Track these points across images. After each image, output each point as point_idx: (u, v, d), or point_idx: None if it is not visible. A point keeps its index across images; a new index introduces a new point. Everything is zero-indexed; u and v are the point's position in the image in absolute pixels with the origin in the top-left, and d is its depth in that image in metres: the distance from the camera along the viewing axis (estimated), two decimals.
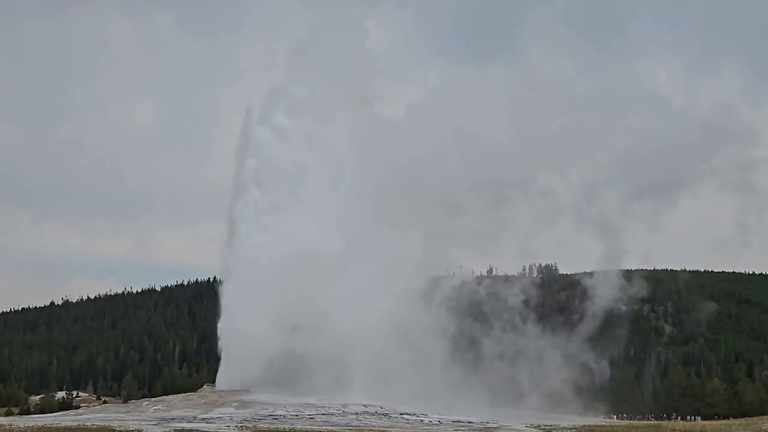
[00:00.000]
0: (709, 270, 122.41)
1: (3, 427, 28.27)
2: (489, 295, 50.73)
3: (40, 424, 29.53)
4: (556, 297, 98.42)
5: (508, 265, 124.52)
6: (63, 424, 29.16)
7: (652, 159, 48.23)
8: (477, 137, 46.99)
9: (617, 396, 64.40)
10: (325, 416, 31.89)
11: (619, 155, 48.93)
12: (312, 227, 42.07)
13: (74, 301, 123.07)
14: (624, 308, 63.11)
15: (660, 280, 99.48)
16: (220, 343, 42.34)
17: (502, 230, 49.66)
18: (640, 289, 55.78)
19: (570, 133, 49.53)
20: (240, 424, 28.38)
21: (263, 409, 32.73)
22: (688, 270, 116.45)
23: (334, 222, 43.09)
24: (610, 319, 60.66)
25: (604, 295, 53.06)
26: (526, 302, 52.62)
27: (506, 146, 47.68)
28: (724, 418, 60.67)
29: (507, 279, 67.77)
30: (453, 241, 48.29)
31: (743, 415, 59.02)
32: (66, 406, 63.23)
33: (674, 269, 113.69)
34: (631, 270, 64.44)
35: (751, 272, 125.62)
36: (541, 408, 45.63)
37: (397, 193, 44.72)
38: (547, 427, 32.61)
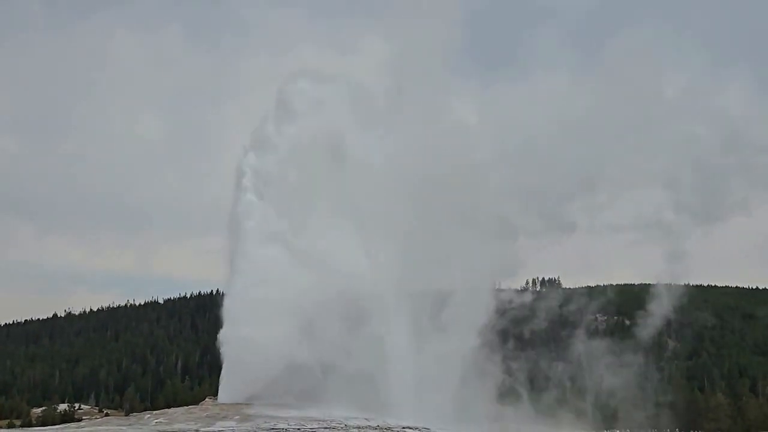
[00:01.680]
0: (713, 284, 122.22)
1: None
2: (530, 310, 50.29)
3: None
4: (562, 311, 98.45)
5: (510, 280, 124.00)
6: None
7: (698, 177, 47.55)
8: (533, 149, 45.21)
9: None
10: (326, 430, 31.88)
11: (660, 167, 48.13)
12: (340, 238, 38.53)
13: (77, 313, 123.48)
14: (627, 323, 63.16)
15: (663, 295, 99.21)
16: (222, 354, 41.29)
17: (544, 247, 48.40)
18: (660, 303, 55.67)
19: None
20: None
21: (265, 422, 32.62)
22: (691, 284, 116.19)
23: (364, 233, 39.64)
24: (614, 333, 60.63)
25: (608, 310, 53.08)
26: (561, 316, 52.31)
27: (561, 159, 46.01)
28: None
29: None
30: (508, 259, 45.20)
31: (747, 431, 58.91)
32: (68, 418, 63.19)
33: (678, 283, 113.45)
34: (633, 284, 64.59)
35: (754, 287, 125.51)
36: (575, 424, 45.44)
37: (453, 207, 41.59)
38: None
